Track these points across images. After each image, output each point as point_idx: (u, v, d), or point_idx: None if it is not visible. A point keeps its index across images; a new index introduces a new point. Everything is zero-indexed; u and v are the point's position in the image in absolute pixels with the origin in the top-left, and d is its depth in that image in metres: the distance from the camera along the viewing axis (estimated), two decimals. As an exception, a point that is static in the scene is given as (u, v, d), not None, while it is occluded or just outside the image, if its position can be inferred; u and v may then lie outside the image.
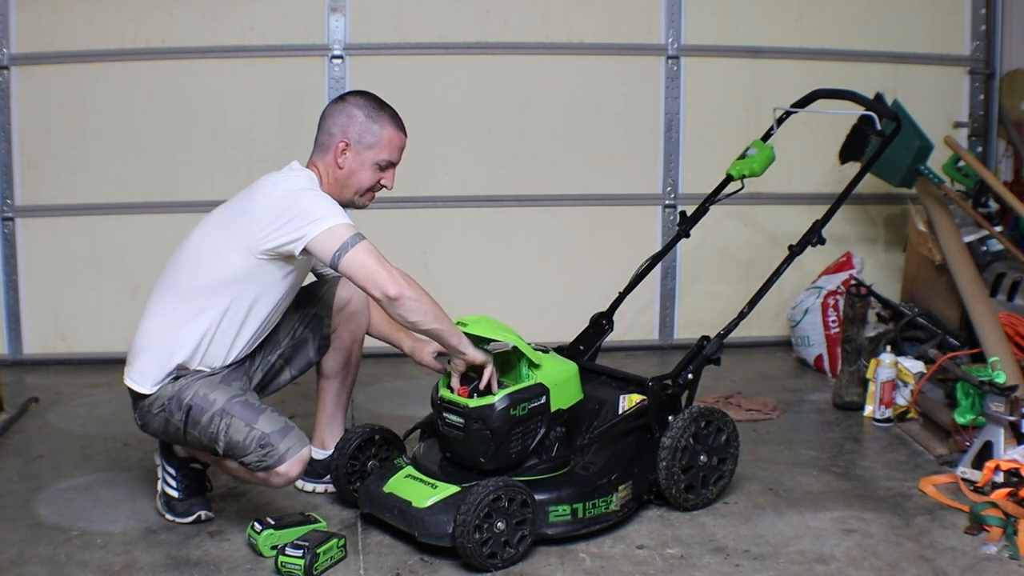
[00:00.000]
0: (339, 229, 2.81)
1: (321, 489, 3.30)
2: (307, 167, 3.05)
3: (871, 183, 4.68)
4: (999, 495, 3.12)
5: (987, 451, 3.36)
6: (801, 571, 2.82)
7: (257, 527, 2.89)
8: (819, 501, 3.28)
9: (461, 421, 2.91)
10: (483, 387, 2.91)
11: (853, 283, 4.36)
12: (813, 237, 3.40)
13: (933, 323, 4.44)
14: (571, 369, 3.09)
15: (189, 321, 2.93)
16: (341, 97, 3.09)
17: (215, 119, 4.77)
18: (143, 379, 2.96)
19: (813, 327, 4.66)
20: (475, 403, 2.90)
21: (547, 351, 3.10)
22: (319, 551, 2.77)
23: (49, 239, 4.77)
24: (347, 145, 3.00)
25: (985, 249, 4.54)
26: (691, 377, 3.22)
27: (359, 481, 3.17)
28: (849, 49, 5.05)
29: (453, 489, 2.88)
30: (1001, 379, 3.47)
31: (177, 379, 2.95)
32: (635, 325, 5.03)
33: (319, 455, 3.27)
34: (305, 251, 2.84)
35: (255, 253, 2.88)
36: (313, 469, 3.24)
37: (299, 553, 2.75)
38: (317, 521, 2.98)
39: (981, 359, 3.94)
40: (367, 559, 2.88)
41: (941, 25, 5.14)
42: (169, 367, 2.95)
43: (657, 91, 4.99)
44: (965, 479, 3.35)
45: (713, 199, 3.72)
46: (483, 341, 2.95)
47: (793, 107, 3.75)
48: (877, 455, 3.72)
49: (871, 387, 4.07)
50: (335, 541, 2.84)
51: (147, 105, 4.73)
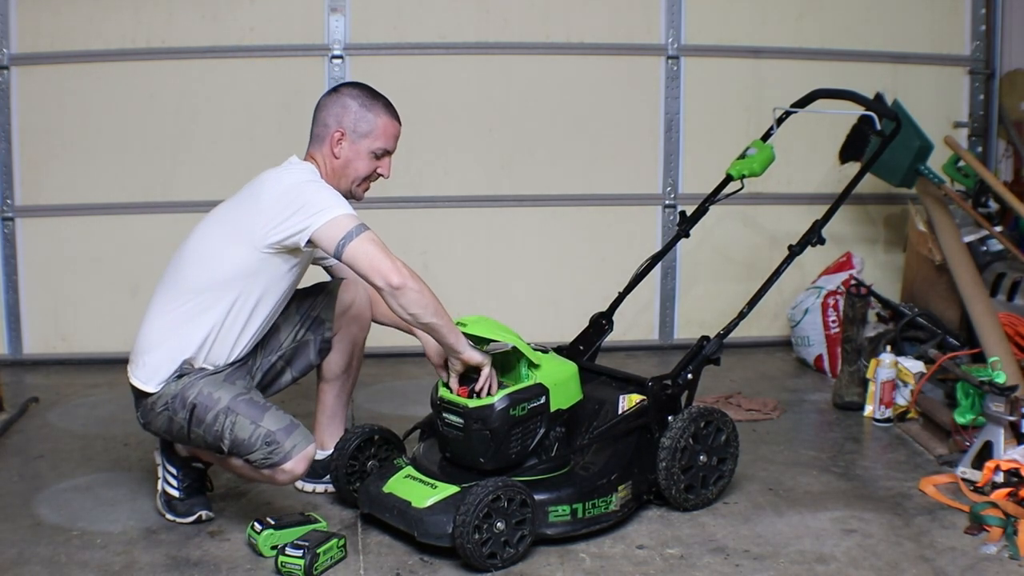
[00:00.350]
0: (343, 219, 2.82)
1: (321, 489, 3.30)
2: (305, 160, 3.06)
3: (871, 183, 4.68)
4: (999, 495, 3.12)
5: (987, 451, 3.36)
6: (801, 571, 2.82)
7: (257, 527, 2.89)
8: (819, 501, 3.28)
9: (461, 421, 2.91)
10: (479, 389, 2.91)
11: (853, 283, 4.36)
12: (813, 237, 3.40)
13: (933, 323, 4.44)
14: (571, 369, 3.09)
15: (195, 318, 2.94)
16: (334, 88, 3.11)
17: (215, 119, 4.77)
18: (148, 377, 2.96)
19: (813, 327, 4.66)
20: (475, 403, 2.90)
21: (547, 351, 3.09)
22: (319, 551, 2.77)
23: (49, 239, 4.77)
24: (342, 135, 3.02)
25: (985, 249, 4.54)
26: (691, 377, 3.22)
27: (359, 481, 3.17)
28: (849, 49, 5.05)
29: (453, 489, 2.88)
30: (1001, 379, 3.47)
31: (180, 377, 2.95)
32: (635, 325, 5.03)
33: (319, 455, 3.26)
34: (310, 242, 2.85)
35: (260, 247, 2.89)
36: (313, 469, 3.23)
37: (299, 553, 2.75)
38: (317, 521, 2.98)
39: (981, 359, 3.94)
40: (367, 559, 2.88)
41: (941, 25, 5.14)
42: (174, 365, 2.95)
43: (657, 91, 4.99)
44: (965, 479, 3.35)
45: (713, 199, 3.72)
46: (482, 341, 2.95)
47: (793, 107, 3.75)
48: (877, 455, 3.72)
49: (871, 387, 4.06)
50: (335, 541, 2.84)
51: (147, 105, 4.73)
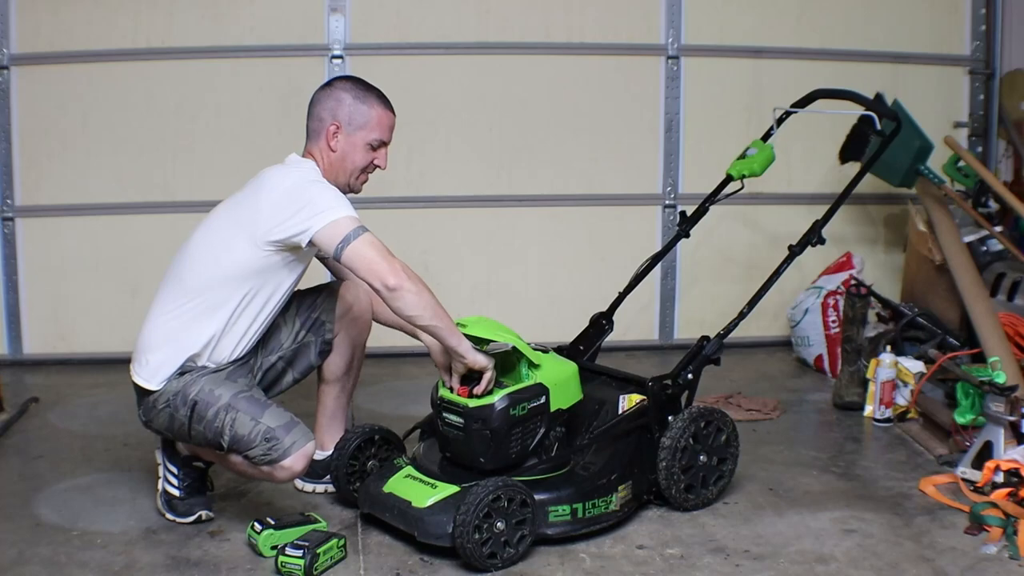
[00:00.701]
0: (344, 221, 2.83)
1: (321, 489, 3.30)
2: (304, 156, 3.07)
3: (871, 183, 4.68)
4: (999, 495, 3.11)
5: (987, 451, 3.36)
6: (801, 571, 2.82)
7: (257, 527, 2.89)
8: (819, 501, 3.28)
9: (461, 421, 2.91)
10: (480, 392, 2.91)
11: (853, 283, 4.36)
12: (813, 237, 3.40)
13: (933, 323, 4.44)
14: (571, 369, 3.09)
15: (200, 317, 2.95)
16: (327, 83, 3.12)
17: (215, 119, 4.77)
18: (150, 375, 2.97)
19: (813, 327, 4.66)
20: (475, 403, 2.90)
21: (547, 351, 3.09)
22: (319, 551, 2.77)
23: (49, 239, 4.77)
24: (338, 127, 3.03)
25: (985, 249, 4.54)
26: (691, 377, 3.22)
27: (359, 481, 3.17)
28: (849, 49, 5.05)
29: (453, 489, 2.88)
30: (1001, 379, 3.47)
31: (182, 375, 2.96)
32: (635, 325, 5.03)
33: (319, 456, 3.26)
34: (311, 243, 2.86)
35: (262, 245, 2.89)
36: (313, 470, 3.24)
37: (299, 553, 2.75)
38: (317, 521, 2.98)
39: (981, 359, 3.94)
40: (367, 559, 2.88)
41: (941, 25, 5.14)
42: (177, 363, 2.95)
43: (657, 91, 4.99)
44: (965, 479, 3.35)
45: (713, 199, 3.72)
46: (482, 342, 2.95)
47: (793, 107, 3.75)
48: (877, 455, 3.72)
49: (871, 387, 4.06)
50: (335, 541, 2.84)
51: (147, 105, 4.73)
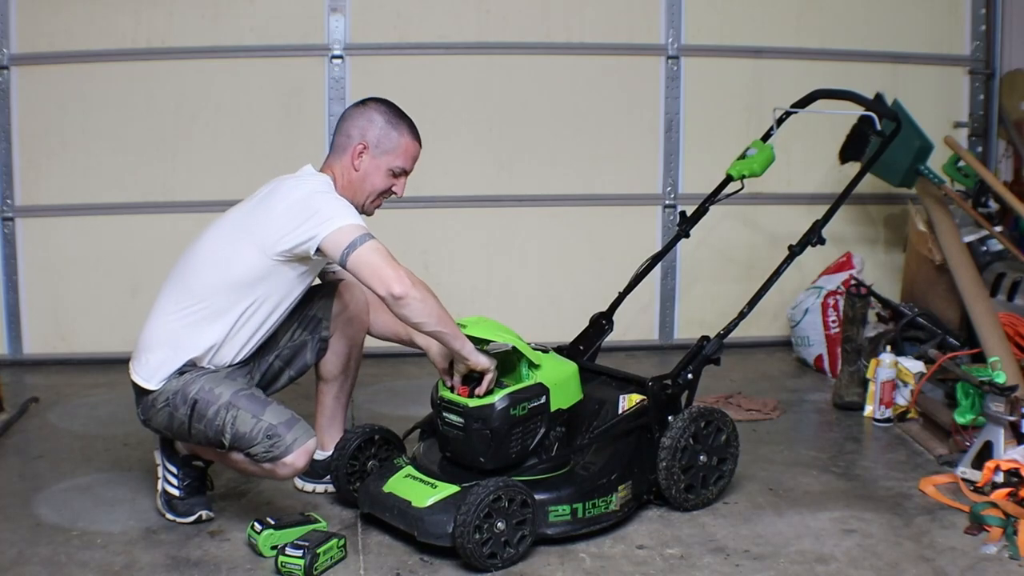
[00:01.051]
0: (350, 228, 2.84)
1: (321, 489, 3.30)
2: (321, 171, 3.06)
3: (871, 183, 4.68)
4: (999, 495, 3.12)
5: (987, 451, 3.36)
6: (801, 571, 2.82)
7: (257, 527, 2.89)
8: (819, 501, 3.28)
9: (461, 421, 2.91)
10: (481, 392, 2.91)
11: (853, 283, 4.36)
12: (813, 237, 3.40)
13: (933, 323, 4.44)
14: (571, 369, 3.09)
15: (204, 322, 2.95)
16: (362, 102, 3.11)
17: (215, 119, 4.77)
18: (150, 375, 2.97)
19: (813, 327, 4.66)
20: (475, 403, 2.90)
21: (547, 351, 3.10)
22: (319, 551, 2.77)
23: (49, 239, 4.77)
24: (365, 148, 3.03)
25: (985, 249, 4.54)
26: (691, 377, 3.22)
27: (359, 481, 3.17)
28: (849, 49, 5.05)
29: (453, 489, 2.88)
30: (1001, 379, 3.47)
31: (182, 374, 2.96)
32: (635, 325, 5.02)
33: (319, 456, 3.26)
34: (319, 251, 2.86)
35: (271, 255, 2.90)
36: (313, 470, 3.24)
37: (299, 553, 2.75)
38: (317, 521, 2.98)
39: (981, 359, 3.94)
40: (367, 559, 2.88)
41: (941, 25, 5.14)
42: (178, 364, 2.96)
43: (657, 91, 4.99)
44: (965, 479, 3.35)
45: (713, 199, 3.72)
46: (482, 342, 2.95)
47: (793, 107, 3.75)
48: (877, 455, 3.72)
49: (871, 387, 4.06)
50: (335, 541, 2.84)
51: (147, 105, 4.73)
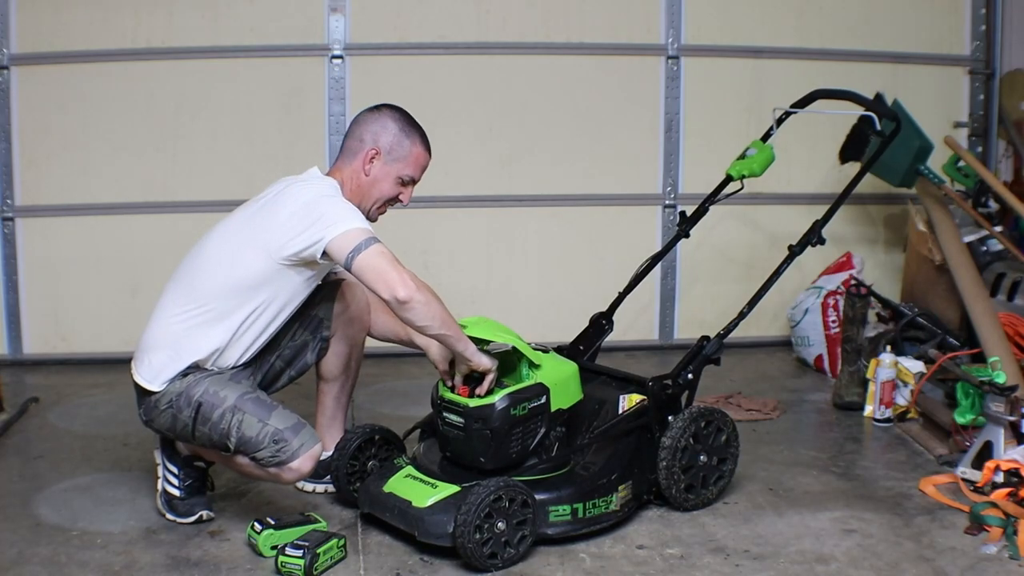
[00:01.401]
0: (355, 232, 2.83)
1: (321, 489, 3.30)
2: (328, 174, 3.06)
3: (871, 183, 4.68)
4: (999, 495, 3.12)
5: (987, 451, 3.36)
6: (801, 571, 2.82)
7: (257, 527, 2.89)
8: (819, 501, 3.28)
9: (461, 421, 2.91)
10: (481, 392, 2.91)
11: (853, 283, 4.36)
12: (813, 237, 3.40)
13: (933, 323, 4.44)
14: (571, 369, 3.09)
15: (209, 324, 2.94)
16: (376, 107, 3.11)
17: (215, 119, 4.77)
18: (153, 376, 2.96)
19: (813, 327, 4.66)
20: (475, 403, 2.90)
21: (547, 351, 3.10)
22: (319, 551, 2.77)
23: (49, 239, 4.77)
24: (377, 153, 3.03)
25: (985, 249, 4.54)
26: (691, 377, 3.22)
27: (359, 481, 3.17)
28: (849, 49, 5.05)
29: (453, 489, 2.88)
30: (1001, 379, 3.47)
31: (185, 376, 2.95)
32: (635, 325, 5.03)
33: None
34: (325, 254, 2.86)
35: (277, 259, 2.90)
36: (313, 470, 3.24)
37: (299, 553, 2.75)
38: (317, 521, 2.98)
39: (981, 359, 3.94)
40: (367, 559, 2.88)
41: (941, 25, 5.14)
42: (181, 366, 2.95)
43: (657, 91, 4.99)
44: (965, 479, 3.35)
45: (713, 199, 3.72)
46: (482, 342, 2.95)
47: (793, 107, 3.75)
48: (877, 455, 3.72)
49: (871, 387, 4.06)
50: (335, 541, 2.84)
51: (147, 105, 4.73)
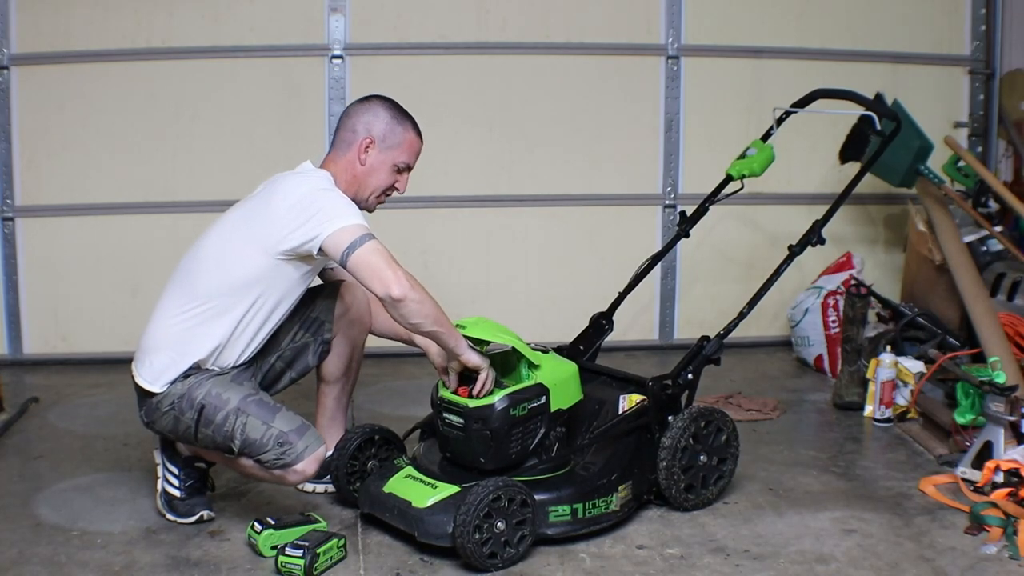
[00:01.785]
0: (352, 228, 2.83)
1: (321, 489, 3.30)
2: (321, 167, 3.06)
3: (871, 183, 4.68)
4: (999, 495, 3.12)
5: (987, 451, 3.36)
6: (801, 571, 2.82)
7: (257, 527, 2.89)
8: (819, 501, 3.28)
9: (461, 421, 2.91)
10: (478, 392, 2.91)
11: (853, 283, 4.36)
12: (813, 237, 3.40)
13: (933, 323, 4.44)
14: (571, 369, 3.09)
15: (208, 322, 2.94)
16: (365, 98, 3.12)
17: (215, 119, 4.77)
18: (154, 377, 2.96)
19: (813, 327, 4.66)
20: (475, 403, 2.90)
21: (547, 351, 3.09)
22: (319, 551, 2.77)
23: (49, 239, 4.77)
24: (372, 142, 3.03)
25: (985, 249, 4.54)
26: (691, 377, 3.22)
27: (359, 481, 3.17)
28: (849, 49, 5.05)
29: (453, 489, 2.88)
30: (1001, 379, 3.47)
31: (187, 377, 2.95)
32: (635, 325, 5.03)
33: (319, 456, 3.27)
34: (321, 249, 2.86)
35: (274, 254, 2.89)
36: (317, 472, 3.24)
37: (299, 553, 2.75)
38: (317, 521, 2.98)
39: (981, 359, 3.94)
40: (367, 559, 2.88)
41: (941, 25, 5.14)
42: (183, 367, 2.95)
43: (657, 91, 4.99)
44: (965, 479, 3.35)
45: (713, 199, 3.72)
46: (482, 343, 2.95)
47: (793, 107, 3.75)
48: (877, 455, 3.72)
49: (871, 387, 4.06)
50: (335, 541, 2.84)
51: (147, 105, 4.73)
